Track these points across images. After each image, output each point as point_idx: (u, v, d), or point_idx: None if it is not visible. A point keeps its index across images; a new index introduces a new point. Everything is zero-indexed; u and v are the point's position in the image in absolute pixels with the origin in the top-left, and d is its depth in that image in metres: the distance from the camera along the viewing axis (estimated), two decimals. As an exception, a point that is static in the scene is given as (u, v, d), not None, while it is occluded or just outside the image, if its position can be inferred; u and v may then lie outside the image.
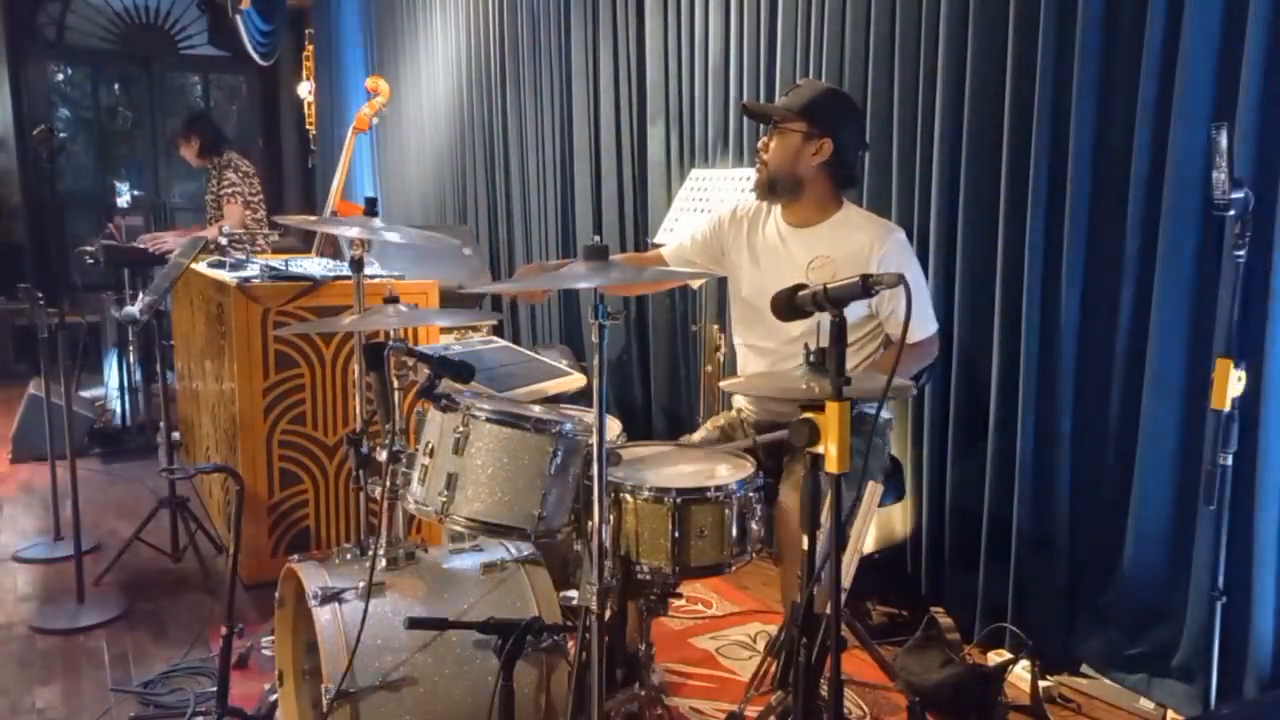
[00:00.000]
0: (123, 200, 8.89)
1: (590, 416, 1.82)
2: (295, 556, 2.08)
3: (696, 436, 2.62)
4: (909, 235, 2.93)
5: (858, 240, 2.45)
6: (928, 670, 2.50)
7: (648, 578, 1.97)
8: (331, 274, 3.38)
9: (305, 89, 9.33)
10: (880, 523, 3.12)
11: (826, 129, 2.44)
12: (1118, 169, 2.42)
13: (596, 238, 1.90)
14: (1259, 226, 2.06)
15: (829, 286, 1.63)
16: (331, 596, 1.92)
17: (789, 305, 1.70)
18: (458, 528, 2.01)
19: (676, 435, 2.66)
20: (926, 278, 2.89)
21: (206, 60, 9.27)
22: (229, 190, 5.15)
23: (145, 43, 8.93)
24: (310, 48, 9.27)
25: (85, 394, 5.66)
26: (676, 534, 1.93)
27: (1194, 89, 2.24)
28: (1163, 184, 2.31)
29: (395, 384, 2.11)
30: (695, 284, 3.21)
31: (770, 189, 2.52)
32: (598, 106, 4.60)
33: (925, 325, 2.53)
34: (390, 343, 2.10)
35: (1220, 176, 1.90)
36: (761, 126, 2.59)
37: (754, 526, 2.02)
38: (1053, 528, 2.63)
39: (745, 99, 3.59)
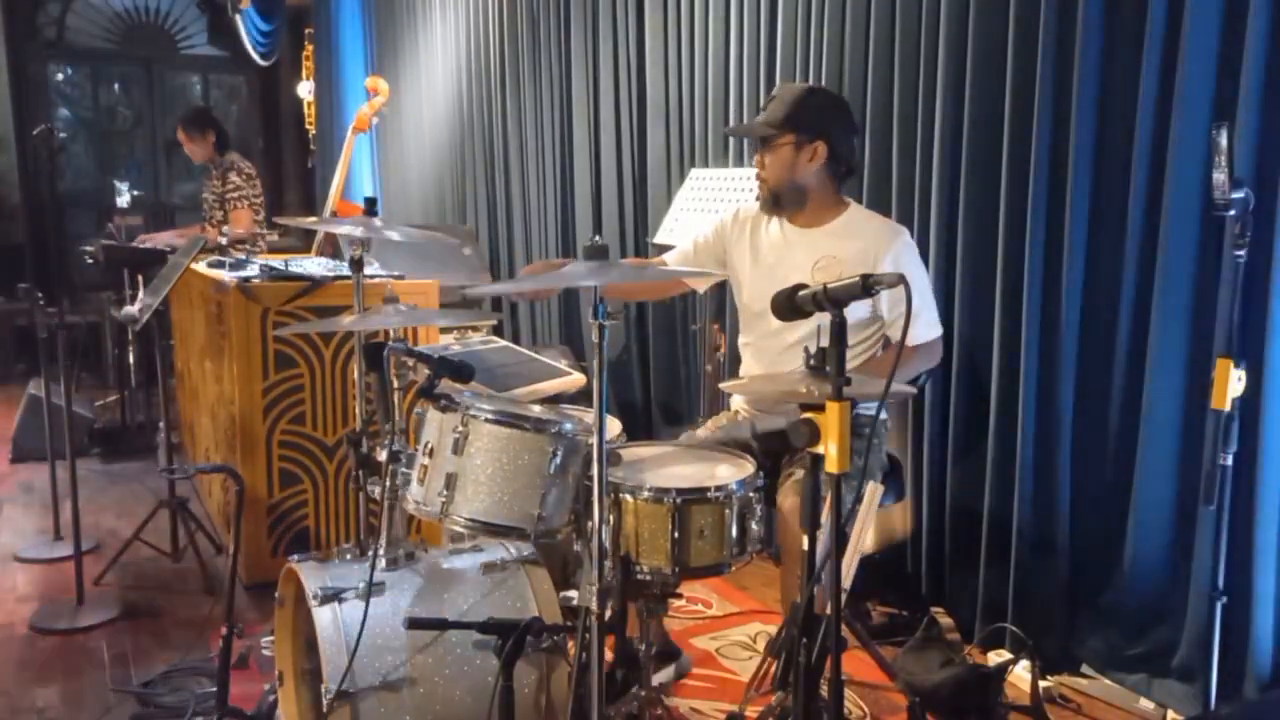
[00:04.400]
0: (123, 200, 8.90)
1: (590, 416, 1.82)
2: (295, 556, 2.07)
3: (699, 435, 2.62)
4: (909, 235, 2.94)
5: (864, 241, 2.44)
6: (928, 670, 2.50)
7: (648, 578, 1.97)
8: (331, 274, 3.38)
9: (305, 89, 9.33)
10: (880, 523, 3.12)
11: (816, 132, 2.42)
12: (1118, 169, 2.42)
13: (596, 238, 1.90)
14: (1259, 226, 2.06)
15: (829, 286, 1.62)
16: (331, 596, 1.92)
17: (789, 305, 1.70)
18: (457, 528, 2.00)
19: (676, 435, 2.66)
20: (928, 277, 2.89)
21: (206, 60, 9.27)
22: (235, 194, 5.11)
23: (145, 43, 8.93)
24: (310, 48, 9.27)
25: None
26: (676, 534, 1.93)
27: (1194, 89, 2.24)
28: (1163, 184, 2.31)
29: (395, 384, 2.11)
30: (700, 288, 3.17)
31: (775, 203, 2.50)
32: (598, 106, 4.60)
33: (929, 328, 2.48)
34: (390, 343, 2.10)
35: (1220, 176, 1.90)
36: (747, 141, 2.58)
37: (754, 526, 2.01)
38: (1053, 528, 2.62)
39: (740, 112, 3.58)
